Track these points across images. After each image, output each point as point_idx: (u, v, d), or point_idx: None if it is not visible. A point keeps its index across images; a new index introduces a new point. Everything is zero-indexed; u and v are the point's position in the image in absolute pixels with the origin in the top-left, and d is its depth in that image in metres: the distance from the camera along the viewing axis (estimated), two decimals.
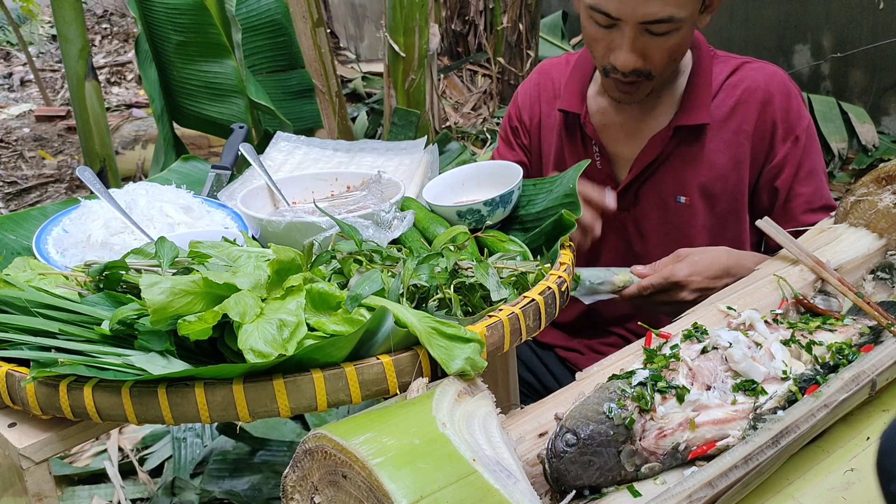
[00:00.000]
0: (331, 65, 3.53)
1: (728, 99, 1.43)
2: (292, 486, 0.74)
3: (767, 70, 1.46)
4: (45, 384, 0.85)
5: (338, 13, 6.62)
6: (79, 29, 2.97)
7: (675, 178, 1.45)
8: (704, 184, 1.43)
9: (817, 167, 1.44)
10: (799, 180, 1.43)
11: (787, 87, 1.44)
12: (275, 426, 2.14)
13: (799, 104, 1.44)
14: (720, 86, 1.45)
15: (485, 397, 0.84)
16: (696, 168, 1.43)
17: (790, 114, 1.42)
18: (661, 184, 1.46)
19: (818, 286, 1.13)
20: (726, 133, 1.43)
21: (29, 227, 1.29)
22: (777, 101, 1.42)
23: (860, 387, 0.89)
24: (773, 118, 1.42)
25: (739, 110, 1.43)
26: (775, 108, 1.42)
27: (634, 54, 1.31)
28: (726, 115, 1.43)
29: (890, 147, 3.43)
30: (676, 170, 1.44)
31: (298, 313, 0.86)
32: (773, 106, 1.42)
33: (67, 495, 2.01)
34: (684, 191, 1.44)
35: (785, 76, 1.46)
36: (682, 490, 0.76)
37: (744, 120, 1.42)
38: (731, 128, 1.43)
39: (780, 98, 1.42)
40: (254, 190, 1.35)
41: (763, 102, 1.42)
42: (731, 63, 1.47)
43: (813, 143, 1.45)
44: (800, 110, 1.44)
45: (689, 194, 1.44)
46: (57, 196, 4.35)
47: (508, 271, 1.06)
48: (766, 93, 1.42)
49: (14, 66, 6.97)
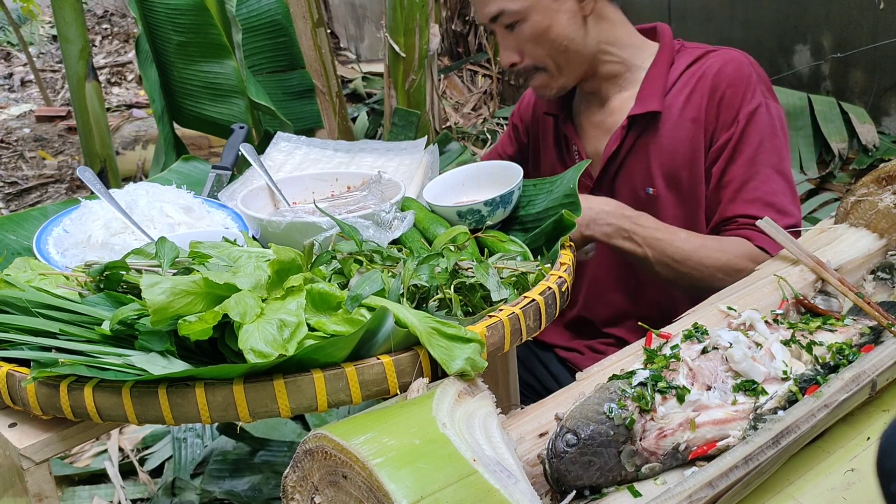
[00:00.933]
0: (331, 65, 3.53)
1: (685, 87, 1.44)
2: (293, 487, 0.74)
3: (726, 56, 1.44)
4: (45, 384, 0.85)
5: (338, 13, 6.62)
6: (79, 29, 2.97)
7: (643, 169, 1.45)
8: (668, 173, 1.44)
9: (762, 158, 1.39)
10: (735, 165, 1.39)
11: (739, 72, 1.41)
12: (275, 426, 2.14)
13: (748, 90, 1.40)
14: (679, 75, 1.45)
15: (485, 397, 0.84)
16: (660, 158, 1.44)
17: (735, 98, 1.40)
18: (631, 177, 1.47)
19: (818, 286, 1.13)
20: (684, 121, 1.43)
21: (29, 227, 1.30)
22: (724, 86, 1.40)
23: (860, 387, 0.89)
24: (719, 103, 1.40)
25: (693, 97, 1.43)
26: (722, 93, 1.40)
27: (507, 51, 1.43)
28: (683, 104, 1.43)
29: (890, 147, 3.43)
30: (641, 161, 1.45)
31: (299, 313, 0.86)
32: (720, 91, 1.41)
33: (68, 495, 2.01)
34: (652, 182, 1.45)
35: (742, 62, 1.43)
36: (683, 490, 0.76)
37: (697, 107, 1.42)
38: (688, 116, 1.43)
39: (729, 83, 1.40)
40: (254, 190, 1.35)
41: (712, 88, 1.41)
42: (694, 53, 1.47)
43: (755, 129, 1.40)
44: (746, 95, 1.40)
45: (655, 185, 1.45)
46: (57, 196, 4.35)
47: (509, 271, 1.06)
48: (715, 78, 1.41)
49: (14, 66, 6.97)
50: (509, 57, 1.43)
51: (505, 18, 1.39)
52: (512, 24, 1.39)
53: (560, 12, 1.39)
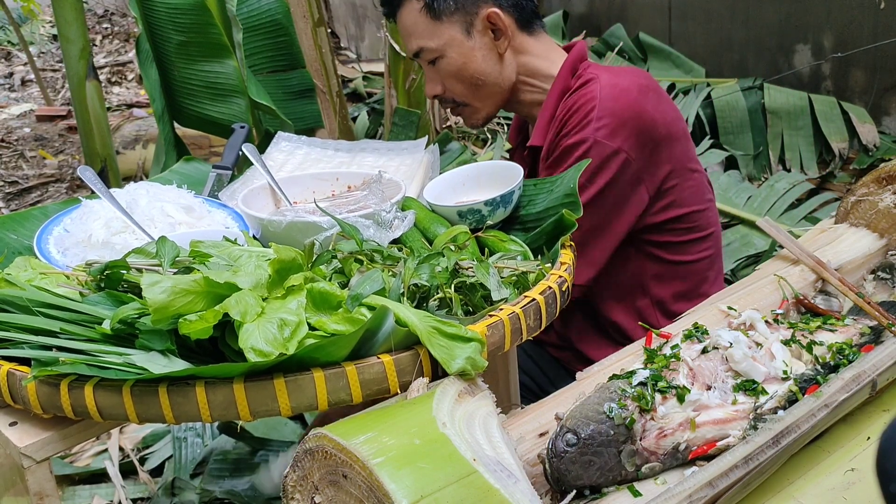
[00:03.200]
0: (332, 65, 3.53)
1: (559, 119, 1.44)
2: (293, 486, 0.74)
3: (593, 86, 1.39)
4: (46, 383, 0.85)
5: (339, 13, 6.62)
6: (80, 29, 2.97)
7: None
8: None
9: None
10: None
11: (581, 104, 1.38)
12: (275, 426, 2.14)
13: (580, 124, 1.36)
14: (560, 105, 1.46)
15: (485, 397, 0.84)
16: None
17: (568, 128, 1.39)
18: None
19: (819, 286, 1.13)
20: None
21: (30, 226, 1.29)
22: (563, 114, 1.41)
23: (861, 387, 0.89)
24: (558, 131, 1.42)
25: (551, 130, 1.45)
26: (561, 121, 1.42)
27: (431, 83, 1.52)
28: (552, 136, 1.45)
29: (891, 147, 3.43)
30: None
31: (299, 313, 0.86)
32: (560, 120, 1.42)
33: (68, 495, 2.01)
34: None
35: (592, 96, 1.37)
36: (683, 490, 0.76)
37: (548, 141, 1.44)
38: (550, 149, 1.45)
39: (567, 112, 1.40)
40: (255, 190, 1.35)
41: (561, 120, 1.42)
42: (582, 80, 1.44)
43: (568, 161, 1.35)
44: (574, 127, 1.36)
45: None
46: (58, 196, 4.35)
47: (509, 271, 1.06)
48: (566, 111, 1.41)
49: (15, 65, 6.97)
50: (433, 89, 1.52)
51: (425, 55, 1.48)
52: (433, 60, 1.48)
53: (475, 50, 1.47)
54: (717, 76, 3.99)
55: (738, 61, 3.97)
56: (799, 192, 3.18)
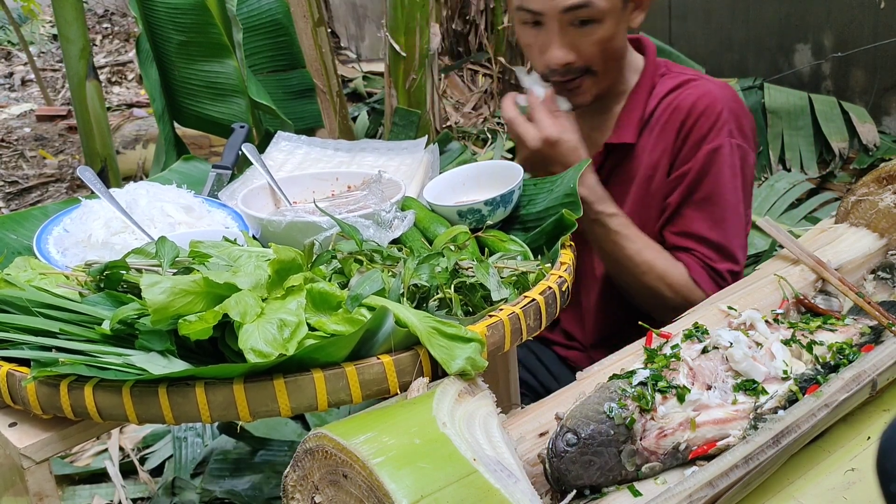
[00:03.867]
0: (332, 64, 3.53)
1: (661, 118, 1.41)
2: (293, 486, 0.74)
3: (702, 89, 1.39)
4: (45, 384, 0.85)
5: (339, 13, 6.62)
6: (80, 29, 2.97)
7: (619, 196, 1.40)
8: (641, 205, 1.42)
9: (718, 198, 1.34)
10: (688, 202, 1.36)
11: (710, 108, 1.36)
12: (275, 426, 2.14)
13: (714, 128, 1.36)
14: (657, 104, 1.42)
15: (485, 397, 0.84)
16: (628, 186, 1.42)
17: (699, 134, 1.36)
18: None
19: (819, 286, 1.13)
20: (655, 154, 1.41)
21: (30, 226, 1.29)
22: (691, 120, 1.37)
23: (861, 386, 0.89)
24: (686, 136, 1.38)
25: (666, 130, 1.40)
26: (689, 127, 1.37)
27: (564, 48, 1.33)
28: (657, 135, 1.41)
29: (891, 147, 3.43)
30: (617, 189, 1.41)
31: (299, 313, 0.86)
32: (688, 125, 1.37)
33: (68, 495, 2.01)
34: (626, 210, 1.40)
35: (716, 98, 1.38)
36: (683, 490, 0.76)
37: (667, 139, 1.39)
38: (659, 148, 1.40)
39: (696, 118, 1.37)
40: (254, 189, 1.35)
41: (682, 121, 1.38)
42: (675, 80, 1.43)
43: (714, 168, 1.35)
44: (711, 133, 1.36)
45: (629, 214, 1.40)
46: (58, 196, 4.35)
47: (509, 271, 1.06)
48: (687, 112, 1.38)
49: (15, 65, 6.97)
50: (565, 55, 1.34)
51: (583, 13, 1.30)
52: (587, 21, 1.31)
53: (622, 23, 1.36)
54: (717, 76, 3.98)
55: (738, 61, 3.97)
56: (799, 191, 3.19)
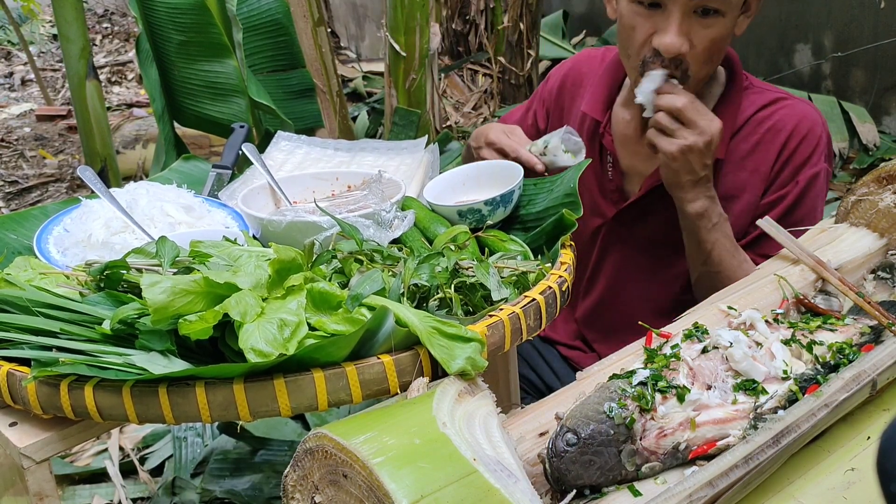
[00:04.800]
0: (332, 64, 3.53)
1: (752, 136, 1.38)
2: (293, 486, 0.74)
3: (800, 112, 1.38)
4: (46, 383, 0.85)
5: (339, 13, 6.62)
6: (80, 28, 2.97)
7: None
8: None
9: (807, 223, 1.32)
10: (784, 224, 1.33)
11: (812, 133, 1.37)
12: (275, 426, 2.14)
13: (815, 154, 1.37)
14: (746, 120, 1.39)
15: (485, 397, 0.84)
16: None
17: (801, 158, 1.36)
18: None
19: (819, 286, 1.13)
20: (743, 172, 1.38)
21: (30, 226, 1.29)
22: (794, 144, 1.36)
23: (861, 386, 0.89)
24: (787, 160, 1.36)
25: (760, 150, 1.37)
26: (791, 151, 1.36)
27: (681, 37, 1.27)
28: (746, 153, 1.38)
29: (891, 146, 3.43)
30: None
31: (299, 313, 0.86)
32: (790, 149, 1.36)
33: (68, 495, 2.01)
34: None
35: (816, 122, 1.38)
36: (683, 489, 0.76)
37: (763, 160, 1.37)
38: (749, 167, 1.37)
39: (799, 142, 1.36)
40: (255, 189, 1.35)
41: (783, 144, 1.36)
42: (764, 97, 1.40)
43: (812, 193, 1.36)
44: (812, 158, 1.36)
45: None
46: (58, 195, 4.35)
47: (509, 271, 1.06)
48: (789, 135, 1.36)
49: (15, 65, 6.97)
50: (682, 44, 1.27)
51: (713, 1, 1.25)
52: (711, 11, 1.26)
53: (735, 25, 1.31)
54: None
55: None
56: None
